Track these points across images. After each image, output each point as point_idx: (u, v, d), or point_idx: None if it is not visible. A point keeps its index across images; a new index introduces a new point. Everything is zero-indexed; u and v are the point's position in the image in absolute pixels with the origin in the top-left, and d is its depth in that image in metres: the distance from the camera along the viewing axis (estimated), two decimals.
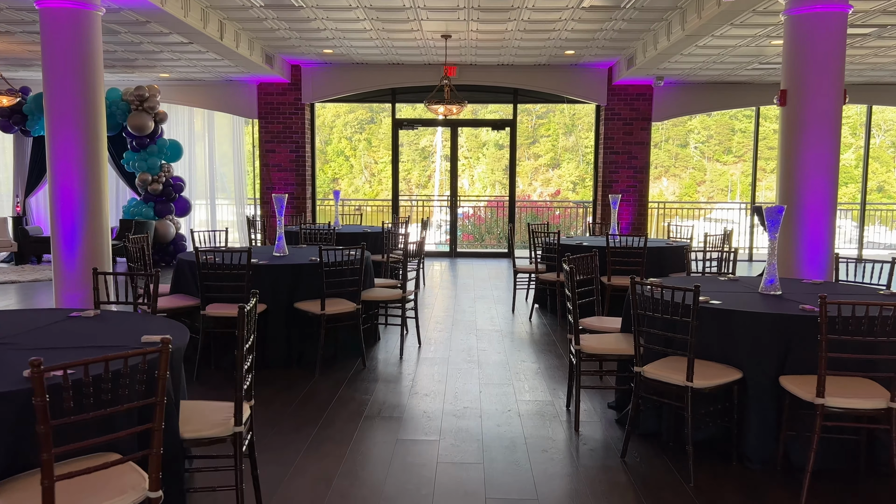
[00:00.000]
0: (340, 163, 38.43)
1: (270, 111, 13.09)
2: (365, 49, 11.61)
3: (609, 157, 13.08)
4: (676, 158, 36.64)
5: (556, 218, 18.45)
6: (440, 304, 9.13)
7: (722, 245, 8.14)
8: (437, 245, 15.19)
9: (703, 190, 37.06)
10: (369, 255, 7.00)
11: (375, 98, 13.52)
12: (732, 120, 41.68)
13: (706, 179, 37.90)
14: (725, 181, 40.71)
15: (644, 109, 12.98)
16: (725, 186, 40.52)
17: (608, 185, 13.12)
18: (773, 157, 41.94)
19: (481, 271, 12.13)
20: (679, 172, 36.15)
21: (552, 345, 7.04)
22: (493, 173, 40.31)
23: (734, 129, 41.65)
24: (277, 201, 6.84)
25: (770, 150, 42.26)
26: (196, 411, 3.34)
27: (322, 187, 44.26)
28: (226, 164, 13.65)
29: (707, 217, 22.95)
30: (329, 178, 42.38)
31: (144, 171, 12.12)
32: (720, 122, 38.32)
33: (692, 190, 35.65)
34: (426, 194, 32.30)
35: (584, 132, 42.34)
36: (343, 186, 37.84)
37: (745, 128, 41.28)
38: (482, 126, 16.92)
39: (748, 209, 15.37)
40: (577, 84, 12.91)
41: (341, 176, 38.35)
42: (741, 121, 41.66)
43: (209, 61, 11.25)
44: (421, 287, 10.16)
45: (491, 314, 8.51)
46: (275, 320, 6.11)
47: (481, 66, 12.87)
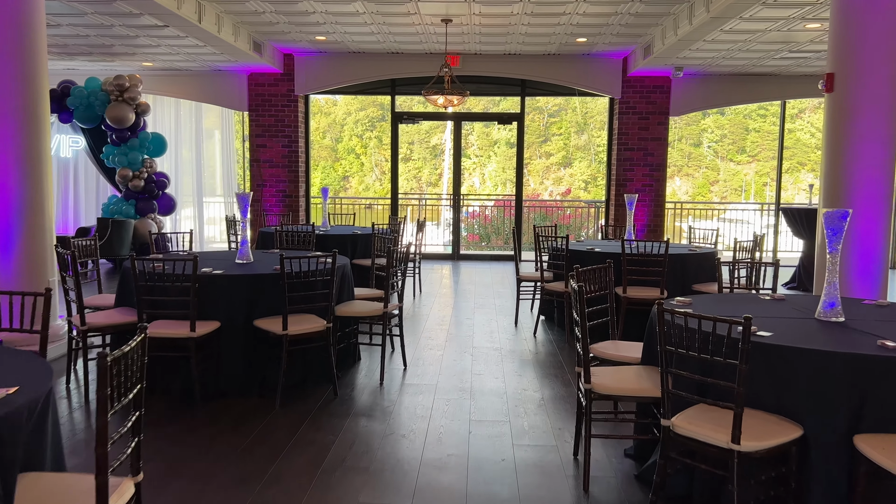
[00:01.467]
0: (351, 160, 37.96)
1: (262, 103, 12.12)
2: (360, 36, 10.61)
3: (623, 153, 12.03)
4: (689, 158, 35.48)
5: (567, 218, 17.40)
6: (435, 315, 8.12)
7: (752, 252, 7.08)
8: (444, 246, 14.18)
9: (717, 190, 36.22)
10: (346, 264, 5.99)
11: (374, 90, 12.52)
12: (746, 119, 40.44)
13: (719, 179, 37.02)
14: (739, 181, 39.52)
15: (661, 103, 11.91)
16: (739, 186, 39.32)
17: (622, 184, 12.07)
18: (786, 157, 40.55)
19: (485, 276, 11.11)
20: (692, 172, 35.02)
21: (558, 368, 6.01)
22: (504, 172, 39.29)
23: (748, 128, 40.42)
24: (241, 200, 5.86)
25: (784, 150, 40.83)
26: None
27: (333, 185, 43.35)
28: (214, 159, 12.68)
29: (721, 217, 21.73)
30: (340, 176, 41.55)
31: (125, 166, 11.18)
32: (734, 122, 37.15)
33: (705, 189, 34.74)
34: (436, 192, 31.29)
35: (596, 130, 41.21)
36: (353, 184, 36.95)
37: (760, 127, 40.03)
38: (487, 120, 15.86)
39: (762, 209, 14.24)
40: (589, 75, 11.86)
41: (352, 174, 37.71)
42: (755, 120, 40.40)
43: (191, 48, 10.29)
44: (416, 295, 9.16)
45: (491, 328, 7.50)
46: (230, 340, 5.13)
47: (486, 56, 11.84)
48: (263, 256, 6.27)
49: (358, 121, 35.59)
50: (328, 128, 42.65)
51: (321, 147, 41.74)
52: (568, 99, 41.71)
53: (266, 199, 12.25)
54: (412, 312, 8.24)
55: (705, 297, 4.59)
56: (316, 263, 5.27)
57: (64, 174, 12.18)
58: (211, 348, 5.08)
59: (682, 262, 7.00)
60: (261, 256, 6.25)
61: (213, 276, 5.13)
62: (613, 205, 12.18)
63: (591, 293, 4.57)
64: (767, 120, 40.11)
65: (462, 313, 8.23)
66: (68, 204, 12.18)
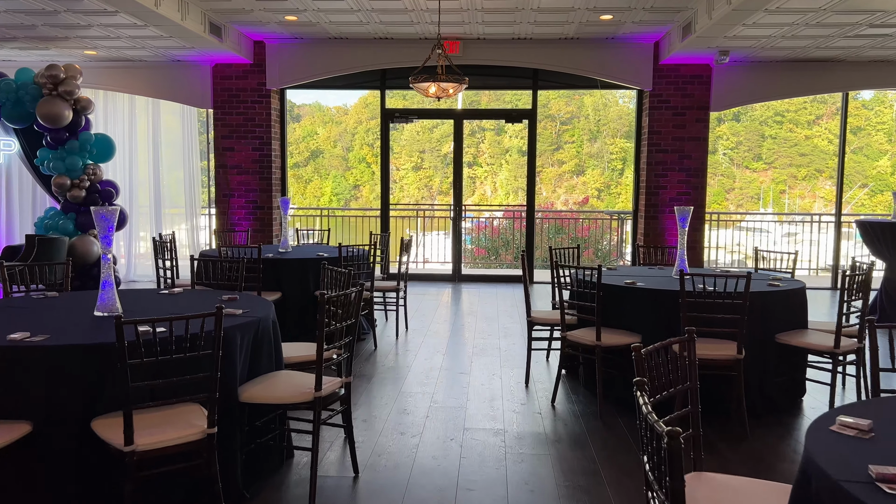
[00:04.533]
0: (362, 169, 36.39)
1: (228, 99, 9.99)
2: (339, 16, 8.47)
3: (655, 156, 9.79)
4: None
5: (584, 230, 15.15)
6: (420, 367, 5.92)
7: (850, 284, 4.81)
8: (444, 263, 11.97)
9: (732, 197, 34.33)
10: (267, 316, 3.80)
11: (360, 84, 10.37)
12: (762, 126, 38.07)
13: (735, 187, 35.08)
14: (755, 188, 37.17)
15: (700, 96, 9.67)
16: (755, 194, 36.96)
17: (653, 192, 9.82)
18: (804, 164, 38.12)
19: (489, 304, 8.89)
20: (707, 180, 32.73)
21: (592, 474, 3.79)
22: (515, 180, 37.11)
23: (764, 134, 38.04)
24: (100, 217, 3.68)
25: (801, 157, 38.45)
26: None
27: (343, 194, 41.40)
28: (174, 165, 10.55)
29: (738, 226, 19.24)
30: (351, 185, 39.60)
31: (62, 172, 9.06)
32: (749, 128, 34.84)
33: (720, 197, 32.84)
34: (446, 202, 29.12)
35: (610, 138, 38.99)
36: (364, 193, 34.99)
37: (776, 133, 37.63)
38: (493, 118, 13.65)
39: (817, 221, 11.91)
40: (614, 63, 9.64)
41: (363, 183, 36.04)
42: (771, 126, 38.01)
43: (130, 29, 8.18)
44: (401, 334, 6.97)
45: (493, 390, 5.28)
46: (55, 451, 2.95)
47: (491, 41, 9.65)
48: (153, 301, 4.11)
49: (369, 129, 34.29)
50: (339, 137, 40.73)
51: (332, 156, 39.81)
52: (581, 106, 39.54)
53: (233, 211, 10.11)
54: (390, 362, 6.05)
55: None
56: (198, 327, 3.09)
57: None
58: (18, 464, 2.91)
59: (761, 303, 4.76)
60: (150, 300, 4.08)
61: (17, 349, 2.95)
62: (643, 217, 9.93)
63: (653, 396, 2.38)
64: (784, 126, 37.71)
65: (456, 363, 6.03)
66: (0, 217, 10.10)
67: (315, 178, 39.63)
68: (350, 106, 40.81)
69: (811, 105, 37.51)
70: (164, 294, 4.41)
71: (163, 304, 4.02)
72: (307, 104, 41.46)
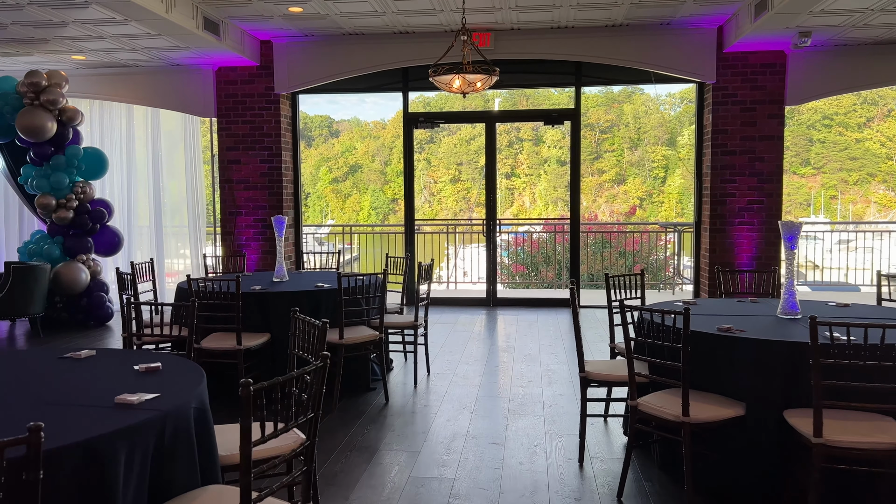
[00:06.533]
0: (400, 183, 35.52)
1: (233, 106, 8.72)
2: (351, 6, 7.14)
3: (721, 159, 8.19)
4: None
5: (633, 243, 13.52)
6: (439, 434, 4.47)
7: None
8: (478, 283, 10.52)
9: None
10: (183, 406, 2.39)
11: (380, 85, 9.01)
12: (810, 130, 35.81)
13: (782, 193, 32.63)
14: (805, 194, 34.92)
15: (773, 88, 8.06)
16: (804, 200, 34.70)
17: (720, 201, 8.22)
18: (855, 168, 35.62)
19: (530, 336, 7.40)
20: None
21: None
22: (555, 190, 35.52)
23: (812, 139, 35.78)
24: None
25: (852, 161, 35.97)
26: None
27: (382, 208, 40.31)
28: (176, 182, 9.30)
29: None
30: (389, 199, 38.51)
31: (46, 191, 7.88)
32: (796, 133, 32.71)
33: None
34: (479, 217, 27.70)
35: (651, 146, 37.11)
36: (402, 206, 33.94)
37: (825, 137, 35.30)
38: (530, 119, 12.14)
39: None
40: (670, 52, 8.10)
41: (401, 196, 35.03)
42: (819, 130, 35.70)
43: (111, 25, 6.94)
44: (419, 381, 5.52)
45: (535, 473, 3.80)
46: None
47: (526, 31, 8.21)
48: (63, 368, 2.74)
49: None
50: (377, 151, 39.70)
51: (370, 171, 38.80)
52: (620, 113, 37.76)
53: (241, 231, 8.81)
54: (403, 424, 4.60)
55: None
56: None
57: None
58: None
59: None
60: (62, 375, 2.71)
61: None
62: (707, 229, 8.32)
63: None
64: (833, 130, 35.37)
65: (487, 425, 4.55)
66: None
67: (354, 192, 38.64)
68: (388, 120, 39.78)
69: (861, 107, 35.11)
70: (43, 362, 3.05)
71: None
72: (346, 119, 40.59)
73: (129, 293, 5.12)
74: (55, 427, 2.09)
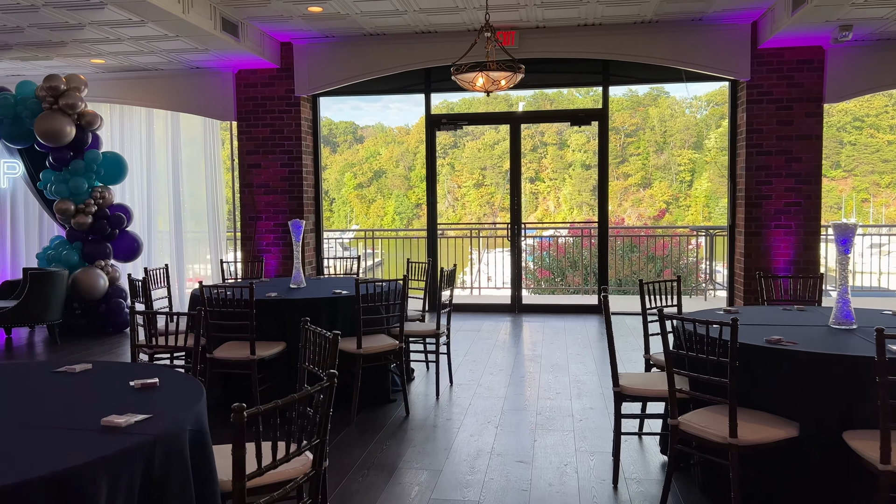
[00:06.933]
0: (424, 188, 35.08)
1: (253, 109, 8.54)
2: (371, 4, 6.91)
3: (755, 159, 7.82)
4: None
5: (661, 247, 13.12)
6: (461, 451, 4.19)
7: None
8: (503, 288, 10.23)
9: None
10: (177, 432, 2.14)
11: (402, 87, 8.77)
12: (840, 132, 34.96)
13: (821, 194, 32.05)
14: (835, 198, 34.08)
15: (811, 85, 7.67)
16: (835, 203, 33.86)
17: (755, 204, 7.84)
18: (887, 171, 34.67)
19: (557, 344, 7.08)
20: None
21: None
22: (579, 194, 35.06)
23: (842, 141, 34.93)
24: None
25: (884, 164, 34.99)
26: None
27: (406, 213, 40.15)
28: (196, 186, 9.13)
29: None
30: (413, 204, 38.32)
31: (65, 197, 7.75)
32: (826, 135, 31.97)
33: None
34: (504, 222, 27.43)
35: (677, 150, 36.50)
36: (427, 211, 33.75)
37: (856, 139, 34.42)
38: (556, 120, 11.83)
39: None
40: (702, 49, 7.75)
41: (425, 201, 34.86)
42: (850, 132, 34.83)
43: (128, 27, 6.79)
44: (441, 392, 5.25)
45: (566, 496, 3.51)
46: None
47: (552, 29, 7.92)
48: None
49: None
50: (401, 156, 39.57)
51: (394, 176, 38.67)
52: (646, 117, 37.21)
53: (261, 236, 8.61)
54: (424, 440, 4.33)
55: None
56: None
57: (0, 209, 8.88)
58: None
59: None
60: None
61: None
62: (742, 233, 7.95)
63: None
64: (864, 132, 34.49)
65: (513, 441, 4.26)
66: (5, 248, 8.87)
67: (378, 197, 38.52)
68: (411, 125, 39.65)
69: (893, 108, 34.18)
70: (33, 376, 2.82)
71: None
72: (370, 125, 40.54)
73: (139, 300, 4.91)
74: (27, 455, 1.86)
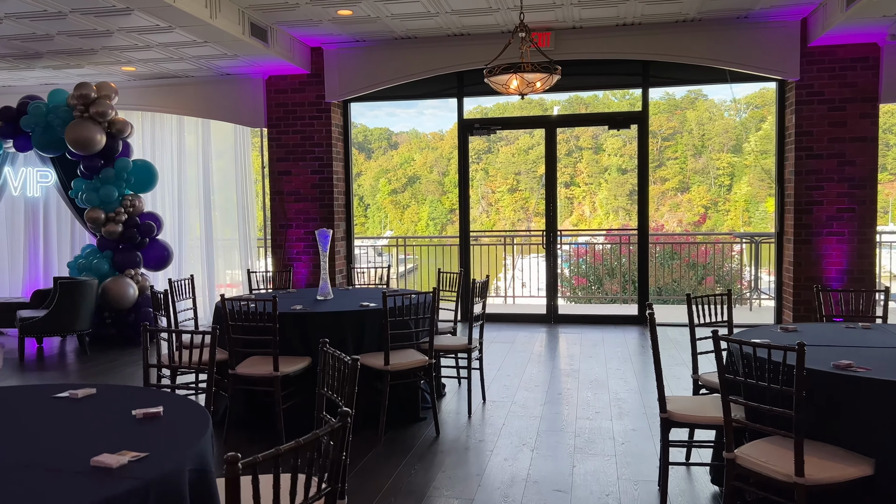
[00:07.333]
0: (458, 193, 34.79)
1: (284, 115, 8.38)
2: (402, 6, 6.69)
3: (806, 163, 7.39)
4: None
5: (702, 254, 12.66)
6: (494, 477, 3.91)
7: None
8: (538, 297, 9.89)
9: None
10: (177, 473, 1.89)
11: (434, 91, 8.55)
12: (886, 134, 33.87)
13: (877, 199, 31.32)
14: (881, 201, 33.04)
15: (865, 84, 7.23)
16: (881, 207, 32.80)
17: (805, 210, 7.41)
18: None
19: (596, 357, 6.75)
20: None
21: None
22: (615, 199, 34.46)
23: (889, 143, 33.83)
24: None
25: None
26: None
27: (440, 218, 39.99)
28: (227, 194, 9.00)
29: None
30: (447, 210, 38.11)
31: (96, 205, 7.67)
32: None
33: None
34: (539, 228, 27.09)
35: (716, 153, 35.65)
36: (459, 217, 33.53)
37: None
38: (594, 123, 11.48)
39: None
40: (746, 48, 7.36)
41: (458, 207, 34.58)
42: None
43: (155, 33, 6.67)
44: (474, 409, 4.98)
45: None
46: None
47: (589, 30, 7.60)
48: None
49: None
50: (435, 162, 39.41)
51: (428, 182, 38.52)
52: (683, 120, 36.47)
53: (291, 244, 8.44)
54: (454, 463, 4.05)
55: None
56: None
57: (33, 217, 8.87)
58: None
59: None
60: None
61: None
62: (791, 241, 7.52)
63: None
64: None
65: (550, 467, 3.96)
66: (38, 257, 8.84)
67: (412, 203, 38.39)
68: (445, 131, 39.47)
69: None
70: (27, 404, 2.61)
71: None
72: (404, 131, 40.48)
73: (161, 314, 4.73)
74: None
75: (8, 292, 8.93)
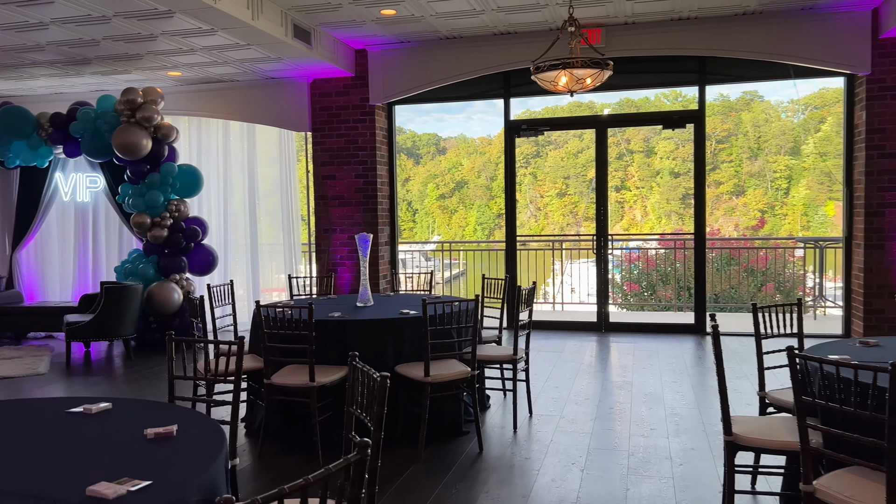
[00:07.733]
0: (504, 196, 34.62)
1: (328, 119, 8.25)
2: (447, 5, 6.47)
3: (877, 163, 6.89)
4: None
5: (761, 260, 12.07)
6: (541, 499, 3.61)
7: None
8: (589, 303, 9.53)
9: None
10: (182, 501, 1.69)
11: (480, 92, 8.31)
12: None
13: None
14: None
15: None
16: None
17: (876, 212, 6.91)
18: None
19: (650, 369, 6.39)
20: None
21: None
22: (667, 203, 33.60)
23: None
24: None
25: None
26: None
27: (488, 223, 39.75)
28: (272, 198, 8.92)
29: None
30: (495, 214, 37.81)
31: (141, 210, 7.66)
32: None
33: None
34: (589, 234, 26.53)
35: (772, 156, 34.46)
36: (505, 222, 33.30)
37: None
38: (647, 123, 11.06)
39: None
40: (811, 41, 6.91)
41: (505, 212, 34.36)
42: None
43: (198, 36, 6.60)
44: (520, 423, 4.70)
45: None
46: None
47: (643, 25, 7.25)
48: None
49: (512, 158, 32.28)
50: (483, 167, 39.17)
51: (476, 186, 38.28)
52: (738, 122, 35.39)
53: (335, 249, 8.29)
54: (498, 483, 3.78)
55: None
56: None
57: (82, 222, 8.94)
58: None
59: None
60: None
61: None
62: (861, 246, 7.02)
63: None
64: None
65: (602, 490, 3.66)
66: (87, 261, 8.90)
67: (460, 208, 38.20)
68: (493, 136, 39.22)
69: None
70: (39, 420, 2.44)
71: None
72: (452, 136, 40.36)
73: (198, 322, 4.59)
74: None
75: (59, 296, 9.02)
